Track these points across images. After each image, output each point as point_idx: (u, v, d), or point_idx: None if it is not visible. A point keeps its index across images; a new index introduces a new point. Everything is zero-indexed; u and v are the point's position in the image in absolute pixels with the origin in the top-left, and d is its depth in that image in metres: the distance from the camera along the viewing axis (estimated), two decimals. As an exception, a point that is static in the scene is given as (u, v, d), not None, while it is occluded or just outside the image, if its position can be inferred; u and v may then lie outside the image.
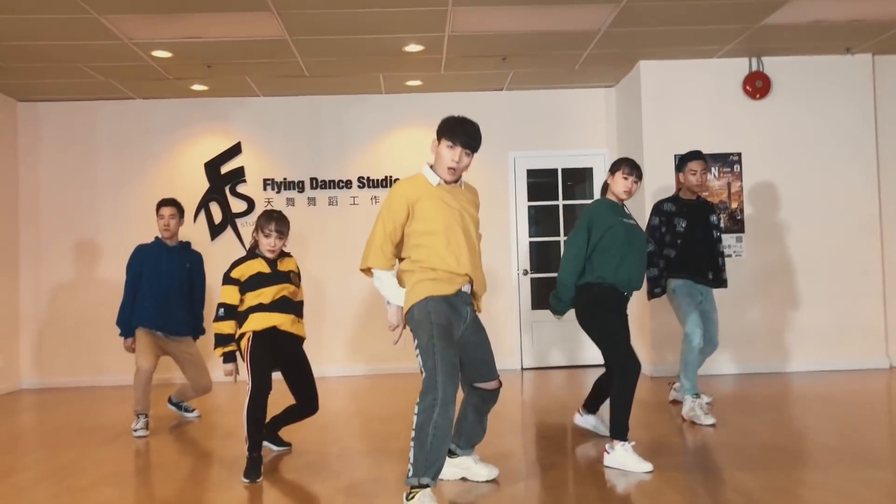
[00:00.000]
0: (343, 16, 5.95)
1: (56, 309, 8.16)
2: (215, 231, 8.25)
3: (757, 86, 7.44)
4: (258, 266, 4.45)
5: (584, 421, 4.89)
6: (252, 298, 4.41)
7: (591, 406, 4.85)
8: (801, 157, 7.48)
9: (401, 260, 3.51)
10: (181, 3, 5.61)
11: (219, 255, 7.41)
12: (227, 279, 4.44)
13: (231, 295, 4.42)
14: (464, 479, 3.80)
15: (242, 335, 4.38)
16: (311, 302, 7.60)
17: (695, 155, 5.43)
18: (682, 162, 5.47)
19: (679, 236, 5.33)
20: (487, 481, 3.76)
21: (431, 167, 3.53)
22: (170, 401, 5.99)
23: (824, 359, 7.39)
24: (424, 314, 3.27)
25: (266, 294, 4.40)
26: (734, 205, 7.45)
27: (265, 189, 8.27)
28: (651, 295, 5.42)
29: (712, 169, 7.43)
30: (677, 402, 5.72)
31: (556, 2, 5.82)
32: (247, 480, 3.94)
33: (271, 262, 4.49)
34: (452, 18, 6.09)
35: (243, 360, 4.33)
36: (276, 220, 4.44)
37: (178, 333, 5.58)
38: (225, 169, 8.29)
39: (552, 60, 7.36)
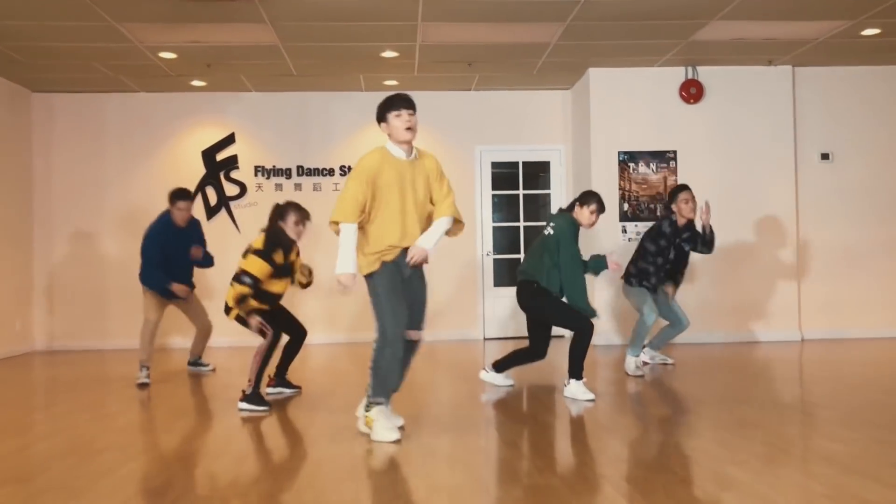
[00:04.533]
0: (328, 27, 6.90)
1: (66, 280, 9.09)
2: (211, 212, 9.19)
3: (691, 92, 8.47)
4: (281, 258, 5.24)
5: (491, 378, 5.79)
6: (274, 285, 5.26)
7: (500, 367, 5.73)
8: (729, 155, 8.52)
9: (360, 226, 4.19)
10: (188, 14, 6.54)
11: (214, 233, 8.33)
12: (265, 256, 5.14)
13: (262, 269, 5.13)
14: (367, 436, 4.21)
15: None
16: (297, 276, 8.62)
17: (682, 187, 6.42)
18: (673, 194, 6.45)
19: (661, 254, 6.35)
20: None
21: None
22: (189, 363, 7.00)
23: (745, 332, 8.45)
24: (377, 280, 4.11)
25: (279, 285, 5.30)
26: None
27: (256, 175, 9.22)
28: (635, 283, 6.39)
29: (651, 165, 8.46)
30: (665, 364, 6.79)
31: (511, 19, 6.80)
32: (247, 406, 4.93)
33: (286, 254, 5.30)
34: (422, 31, 7.06)
35: (249, 317, 5.15)
36: (302, 212, 5.41)
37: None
38: (220, 156, 9.23)
39: (512, 66, 8.35)
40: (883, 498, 2.94)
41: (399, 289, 4.14)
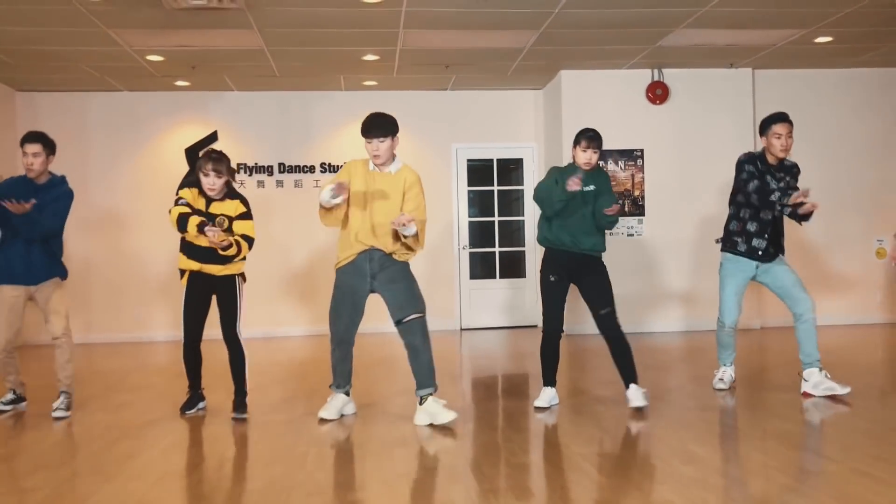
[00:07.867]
0: (313, 33, 7.20)
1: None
2: (194, 208, 9.44)
3: (657, 93, 8.91)
4: (199, 202, 4.85)
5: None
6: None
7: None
8: (692, 154, 8.99)
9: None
10: (180, 22, 6.78)
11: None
12: (177, 198, 4.91)
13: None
14: (431, 424, 4.45)
15: (183, 271, 4.93)
16: (278, 270, 9.03)
17: (779, 117, 5.03)
18: (765, 125, 5.11)
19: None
20: (445, 424, 4.43)
21: None
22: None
23: (697, 320, 8.85)
24: (335, 283, 4.68)
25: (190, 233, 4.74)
26: (637, 193, 8.94)
27: (238, 172, 9.47)
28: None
29: (619, 162, 8.89)
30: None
31: (488, 27, 7.15)
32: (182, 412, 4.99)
33: (207, 203, 4.87)
34: (403, 37, 7.39)
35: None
36: (213, 160, 4.82)
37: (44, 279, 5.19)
38: (203, 154, 9.46)
39: (488, 68, 8.71)
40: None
41: (349, 294, 4.61)
